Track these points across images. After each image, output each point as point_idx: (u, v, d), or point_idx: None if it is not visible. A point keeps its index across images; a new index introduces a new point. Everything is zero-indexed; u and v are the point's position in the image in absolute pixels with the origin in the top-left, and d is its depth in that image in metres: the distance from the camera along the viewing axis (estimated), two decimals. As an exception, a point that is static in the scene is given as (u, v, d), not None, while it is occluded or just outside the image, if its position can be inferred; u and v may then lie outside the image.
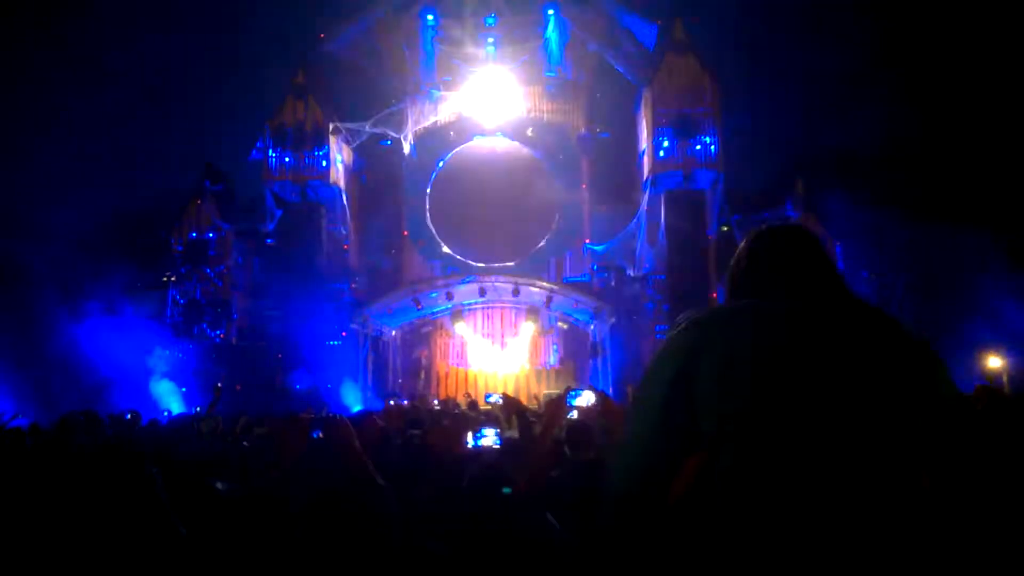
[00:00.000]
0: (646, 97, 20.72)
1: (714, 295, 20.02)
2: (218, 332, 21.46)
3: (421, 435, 4.45)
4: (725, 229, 20.79)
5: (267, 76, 23.19)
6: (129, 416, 7.96)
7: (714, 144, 20.04)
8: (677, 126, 20.09)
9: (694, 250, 20.00)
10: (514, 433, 6.01)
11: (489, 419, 6.40)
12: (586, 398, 3.90)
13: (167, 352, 21.03)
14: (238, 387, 20.09)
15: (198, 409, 13.70)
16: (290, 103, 21.40)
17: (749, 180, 21.26)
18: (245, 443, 5.64)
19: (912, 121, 21.01)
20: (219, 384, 10.61)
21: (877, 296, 20.42)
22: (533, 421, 6.33)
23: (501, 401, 9.51)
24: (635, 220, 20.98)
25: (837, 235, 21.17)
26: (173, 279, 21.54)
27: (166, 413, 15.35)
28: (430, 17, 22.38)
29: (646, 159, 20.66)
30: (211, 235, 21.46)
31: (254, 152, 21.32)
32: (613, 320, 18.71)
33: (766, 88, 21.86)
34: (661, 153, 20.18)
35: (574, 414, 5.14)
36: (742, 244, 1.89)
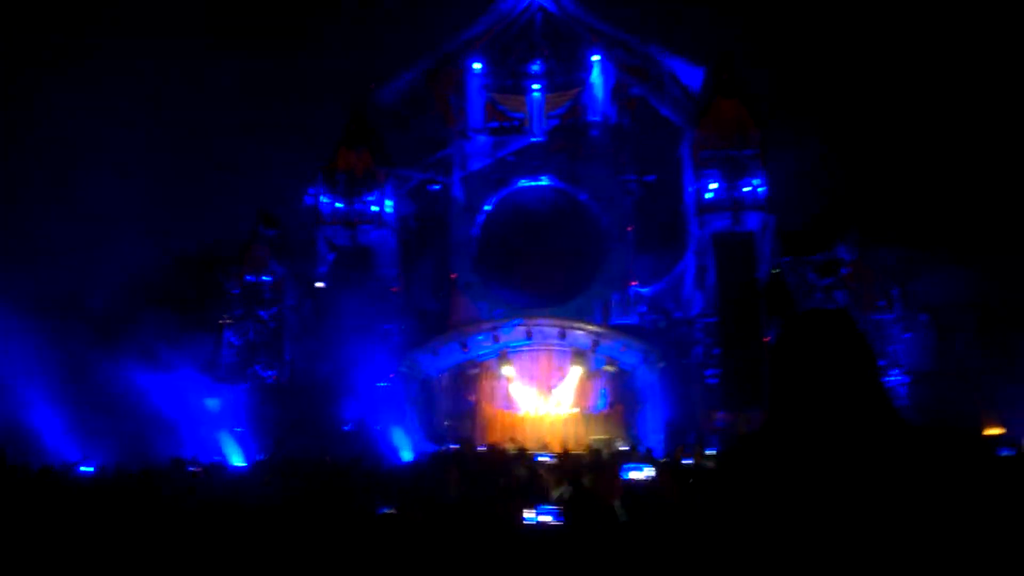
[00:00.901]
0: (692, 140, 20.74)
1: (766, 340, 19.62)
2: (271, 373, 21.90)
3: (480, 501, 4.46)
4: (776, 271, 20.50)
5: (319, 125, 23.99)
6: (194, 468, 8.14)
7: (763, 186, 19.89)
8: (725, 168, 20.04)
9: (744, 292, 19.73)
10: (565, 491, 5.98)
11: (539, 481, 6.38)
12: (643, 472, 3.89)
13: (221, 393, 21.53)
14: (290, 427, 20.40)
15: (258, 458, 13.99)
16: (342, 150, 22.07)
17: (800, 222, 20.97)
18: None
19: (968, 155, 20.55)
20: (279, 437, 10.82)
21: (938, 340, 19.74)
22: (586, 486, 6.29)
23: (554, 461, 9.46)
24: (683, 263, 20.86)
25: (892, 276, 20.67)
26: (229, 321, 22.14)
27: (218, 458, 15.58)
28: (476, 66, 22.96)
29: (693, 202, 20.59)
30: (266, 278, 22.08)
31: (307, 198, 21.98)
32: (662, 364, 18.47)
33: (815, 128, 21.65)
34: (709, 195, 20.12)
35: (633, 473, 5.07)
36: (777, 342, 1.89)
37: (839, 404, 1.69)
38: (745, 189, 20.03)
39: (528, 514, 3.91)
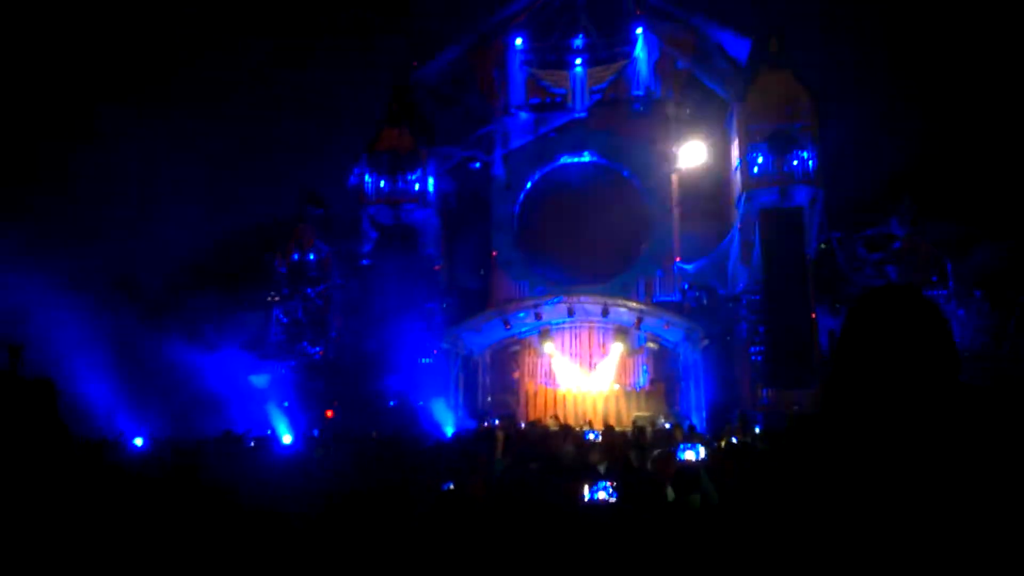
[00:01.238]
0: (739, 113, 20.29)
1: (813, 316, 19.28)
2: (317, 349, 22.40)
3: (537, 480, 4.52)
4: (824, 247, 20.06)
5: (363, 104, 24.16)
6: (254, 443, 8.40)
7: (812, 160, 19.38)
8: (772, 142, 19.57)
9: (791, 269, 19.33)
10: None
11: (587, 458, 6.42)
12: (695, 452, 3.90)
13: (269, 370, 22.13)
14: (335, 402, 20.95)
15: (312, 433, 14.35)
16: (385, 129, 22.21)
17: (850, 196, 20.43)
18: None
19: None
20: (329, 411, 11.10)
21: (991, 319, 19.15)
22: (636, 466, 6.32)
23: (599, 439, 9.50)
24: (728, 238, 20.54)
25: (946, 253, 20.06)
26: (277, 299, 22.68)
27: (269, 432, 16.07)
28: (519, 41, 22.76)
29: (739, 176, 20.20)
30: (312, 257, 22.51)
31: (352, 177, 22.23)
32: (706, 342, 18.30)
33: (867, 101, 20.96)
34: (755, 170, 19.70)
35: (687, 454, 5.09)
36: (849, 318, 1.83)
37: (916, 384, 1.66)
38: (794, 163, 19.55)
39: (586, 490, 3.97)
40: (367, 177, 21.80)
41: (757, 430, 14.38)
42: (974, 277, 19.72)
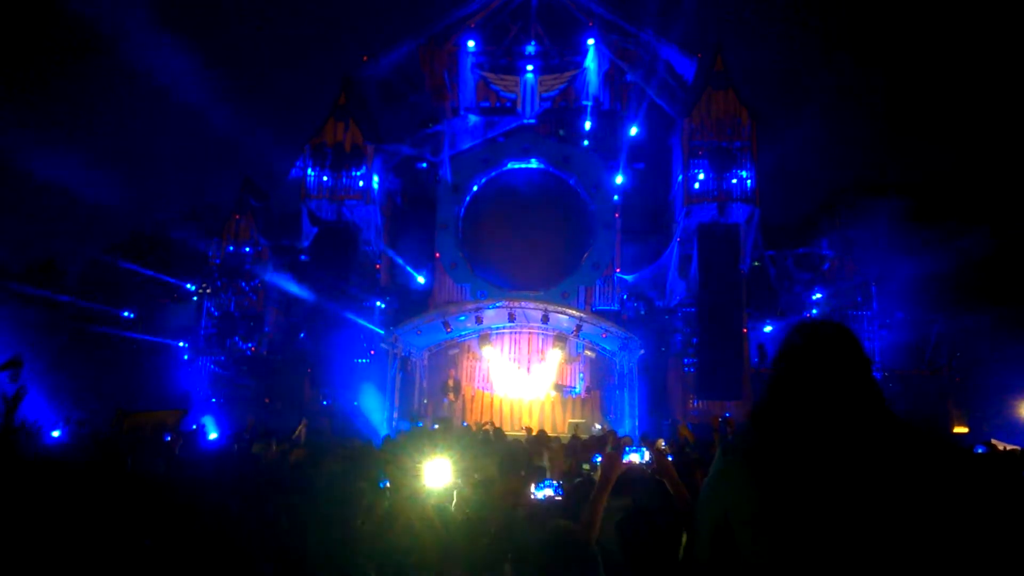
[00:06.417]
0: (683, 129, 20.77)
1: (745, 330, 19.86)
2: (250, 345, 21.79)
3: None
4: (757, 264, 20.70)
5: (310, 97, 23.74)
6: (171, 437, 8.08)
7: (750, 178, 19.98)
8: (713, 159, 20.10)
9: (726, 284, 19.88)
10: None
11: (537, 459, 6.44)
12: (639, 455, 3.91)
13: (199, 363, 21.42)
14: (267, 400, 20.42)
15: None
16: (331, 124, 21.81)
17: (784, 215, 21.19)
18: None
19: (954, 155, 20.81)
20: (251, 419, 10.79)
21: (912, 338, 20.09)
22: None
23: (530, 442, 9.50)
24: (667, 252, 20.97)
25: (872, 274, 20.97)
26: (209, 291, 21.97)
27: (194, 428, 15.51)
28: (471, 44, 22.74)
29: (681, 191, 20.66)
30: (248, 249, 21.87)
31: (294, 170, 21.73)
32: (642, 352, 18.61)
33: (803, 124, 21.78)
34: (696, 186, 20.19)
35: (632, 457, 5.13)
36: (782, 346, 1.94)
37: (838, 402, 1.73)
38: (733, 181, 20.12)
39: (533, 488, 3.99)
40: (310, 170, 21.36)
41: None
42: (897, 298, 20.69)
